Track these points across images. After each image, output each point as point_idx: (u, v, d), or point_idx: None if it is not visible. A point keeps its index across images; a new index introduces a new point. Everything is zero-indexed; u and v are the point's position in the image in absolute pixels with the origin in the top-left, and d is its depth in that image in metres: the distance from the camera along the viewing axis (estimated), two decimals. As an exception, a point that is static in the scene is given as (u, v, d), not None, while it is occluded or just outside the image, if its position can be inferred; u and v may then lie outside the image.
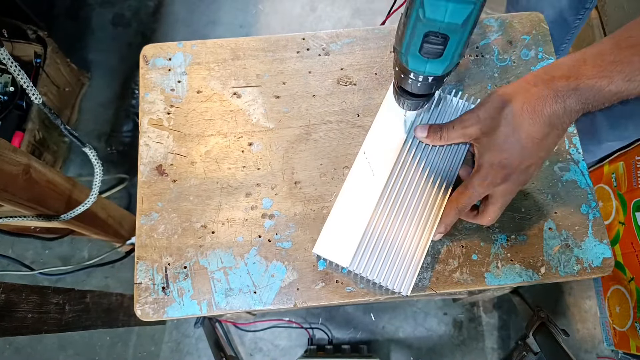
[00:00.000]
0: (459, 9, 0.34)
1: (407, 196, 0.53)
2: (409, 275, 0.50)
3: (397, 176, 0.53)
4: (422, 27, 0.36)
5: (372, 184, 0.53)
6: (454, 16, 0.35)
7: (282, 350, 1.30)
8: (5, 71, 1.25)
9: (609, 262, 0.54)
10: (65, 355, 1.30)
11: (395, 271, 0.50)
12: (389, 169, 0.53)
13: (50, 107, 0.67)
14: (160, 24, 1.63)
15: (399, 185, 0.53)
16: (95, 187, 0.81)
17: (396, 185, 0.53)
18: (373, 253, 0.51)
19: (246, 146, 0.59)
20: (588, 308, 1.32)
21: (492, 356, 1.29)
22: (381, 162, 0.54)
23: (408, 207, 0.52)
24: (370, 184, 0.53)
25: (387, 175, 0.53)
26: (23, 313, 0.72)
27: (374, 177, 0.53)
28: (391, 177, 0.53)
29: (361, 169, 0.54)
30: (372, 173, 0.53)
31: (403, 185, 0.53)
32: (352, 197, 0.53)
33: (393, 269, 0.50)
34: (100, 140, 1.49)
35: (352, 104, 0.60)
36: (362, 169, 0.54)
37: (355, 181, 0.54)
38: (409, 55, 0.40)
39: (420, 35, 0.37)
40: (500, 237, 0.55)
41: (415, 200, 0.52)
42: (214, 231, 0.55)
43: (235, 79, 0.62)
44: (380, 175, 0.53)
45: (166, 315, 0.52)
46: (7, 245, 1.37)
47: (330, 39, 0.63)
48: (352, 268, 0.50)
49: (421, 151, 0.54)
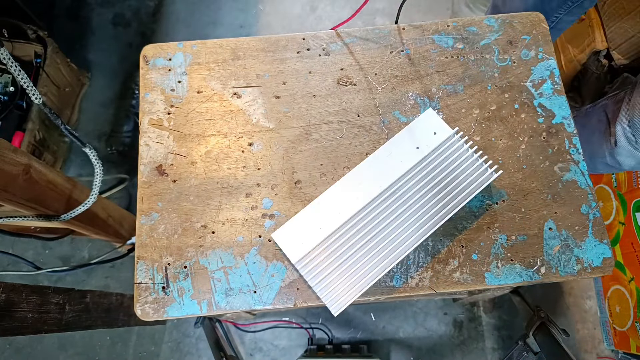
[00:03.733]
0: None
1: (380, 227, 0.52)
2: (345, 297, 0.50)
3: (379, 205, 0.53)
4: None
5: (353, 200, 0.53)
6: None
7: (282, 350, 1.30)
8: (5, 71, 1.26)
9: (609, 262, 0.54)
10: (65, 355, 1.30)
11: (334, 288, 0.51)
12: (375, 194, 0.53)
13: (50, 107, 0.67)
14: (160, 24, 1.63)
15: (376, 213, 0.53)
16: (96, 187, 0.80)
17: (373, 212, 0.53)
18: (324, 262, 0.51)
19: (246, 146, 0.59)
20: (588, 308, 1.32)
21: (492, 356, 1.29)
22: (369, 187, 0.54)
23: (376, 237, 0.52)
24: (351, 200, 0.53)
25: (370, 200, 0.53)
26: (23, 313, 0.72)
27: (357, 199, 0.53)
28: (373, 203, 0.53)
29: (350, 184, 0.54)
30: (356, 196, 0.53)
31: (379, 216, 0.53)
32: (330, 203, 0.53)
33: (333, 286, 0.51)
34: (100, 140, 1.49)
35: (352, 104, 0.60)
36: (351, 184, 0.54)
37: (340, 190, 0.54)
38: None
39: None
40: (501, 237, 0.55)
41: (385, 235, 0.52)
42: (214, 231, 0.55)
43: (236, 79, 0.62)
44: (365, 197, 0.53)
45: (166, 315, 0.52)
46: (7, 245, 1.37)
47: (330, 39, 0.63)
48: (298, 267, 0.51)
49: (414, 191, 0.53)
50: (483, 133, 0.59)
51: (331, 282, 0.51)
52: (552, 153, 0.58)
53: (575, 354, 1.26)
